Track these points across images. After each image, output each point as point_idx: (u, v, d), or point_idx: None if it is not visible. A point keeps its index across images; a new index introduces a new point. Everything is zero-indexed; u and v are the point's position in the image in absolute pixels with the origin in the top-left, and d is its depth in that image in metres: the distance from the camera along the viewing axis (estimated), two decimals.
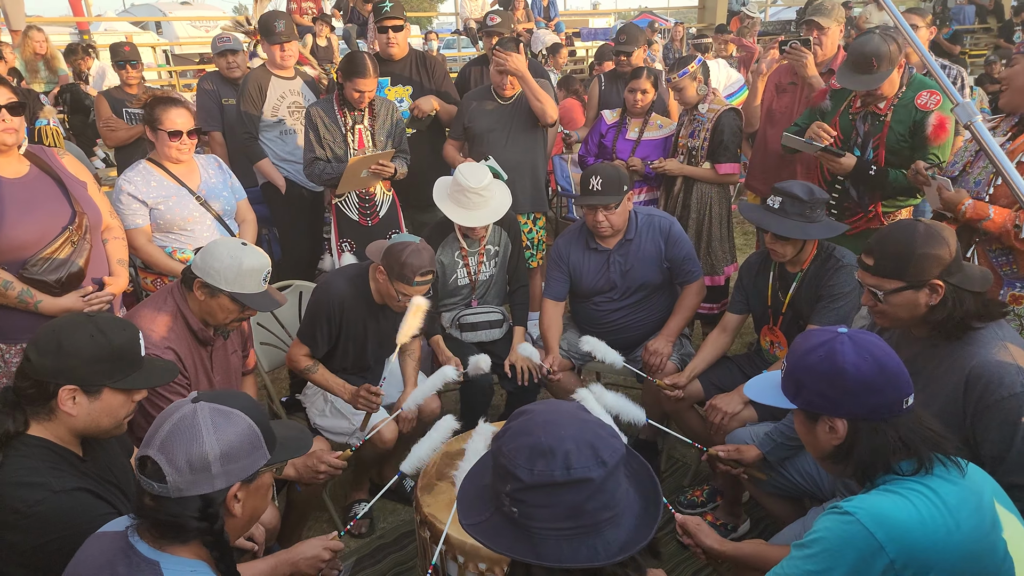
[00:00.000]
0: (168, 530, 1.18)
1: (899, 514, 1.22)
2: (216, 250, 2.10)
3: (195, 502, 1.18)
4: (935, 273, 1.64)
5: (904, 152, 2.79)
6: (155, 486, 1.17)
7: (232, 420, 1.23)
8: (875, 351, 1.32)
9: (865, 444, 1.31)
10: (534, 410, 1.06)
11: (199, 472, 1.17)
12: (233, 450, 1.21)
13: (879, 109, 2.84)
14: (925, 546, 1.20)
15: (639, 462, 1.13)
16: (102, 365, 1.53)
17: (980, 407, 1.59)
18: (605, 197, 2.72)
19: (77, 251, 2.29)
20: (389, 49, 3.76)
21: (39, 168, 2.33)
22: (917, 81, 2.83)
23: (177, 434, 1.19)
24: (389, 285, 2.46)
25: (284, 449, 1.34)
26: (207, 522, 1.18)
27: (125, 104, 4.33)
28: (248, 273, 2.09)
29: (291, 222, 4.04)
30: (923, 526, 1.21)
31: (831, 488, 2.01)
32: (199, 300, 2.12)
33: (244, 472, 1.23)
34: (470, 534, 1.05)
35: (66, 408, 1.51)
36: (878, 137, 2.84)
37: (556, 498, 0.96)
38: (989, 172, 2.35)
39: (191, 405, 1.23)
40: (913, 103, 2.76)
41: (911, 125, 2.77)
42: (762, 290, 2.59)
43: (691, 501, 2.83)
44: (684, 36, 10.67)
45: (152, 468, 1.18)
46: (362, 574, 2.56)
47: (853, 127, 2.91)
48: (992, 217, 2.26)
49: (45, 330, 1.55)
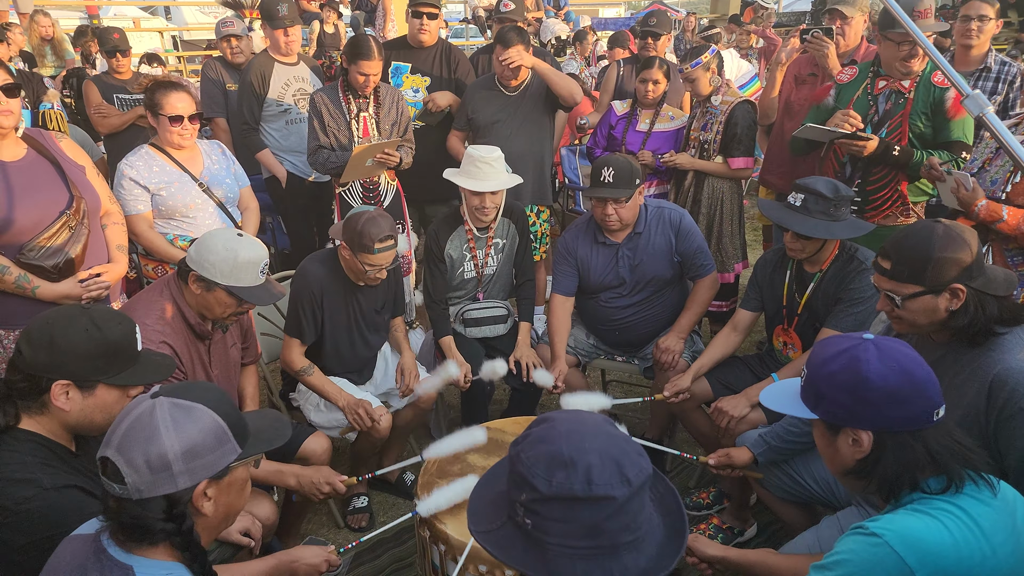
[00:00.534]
0: (134, 532, 1.13)
1: (931, 537, 1.15)
2: (211, 242, 2.04)
3: (159, 503, 1.12)
4: (955, 276, 1.56)
5: (926, 134, 2.73)
6: (116, 488, 1.12)
7: (193, 415, 1.16)
8: (902, 359, 1.24)
9: (891, 458, 1.23)
10: (557, 418, 1.00)
11: (159, 472, 1.11)
12: (196, 447, 1.14)
13: (903, 88, 2.76)
14: (959, 572, 1.13)
15: (666, 487, 1.07)
16: (97, 361, 1.48)
17: (1004, 415, 1.52)
18: (616, 190, 2.64)
19: (75, 236, 2.25)
20: (420, 35, 3.66)
21: (37, 151, 2.29)
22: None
23: (134, 432, 1.13)
24: (354, 259, 2.43)
25: (258, 441, 1.28)
26: (173, 523, 1.13)
27: (116, 90, 4.26)
28: (244, 265, 2.03)
29: (297, 212, 3.98)
30: (957, 551, 1.14)
31: (847, 496, 1.95)
32: (195, 294, 2.07)
33: (211, 469, 1.17)
34: (479, 542, 1.00)
35: (59, 403, 1.47)
36: (899, 116, 2.76)
37: (573, 513, 0.91)
38: (1006, 171, 2.30)
39: (149, 401, 1.17)
40: (930, 80, 2.71)
41: (931, 104, 2.72)
42: (777, 289, 2.52)
43: (697, 503, 2.77)
44: (696, 27, 10.54)
45: (111, 469, 1.12)
46: (361, 569, 2.53)
47: (872, 106, 2.83)
48: (1006, 219, 2.22)
49: (38, 323, 1.50)
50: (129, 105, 4.25)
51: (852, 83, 2.94)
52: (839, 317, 2.29)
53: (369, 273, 2.44)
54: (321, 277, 2.53)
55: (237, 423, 1.23)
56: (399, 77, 3.73)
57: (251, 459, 1.27)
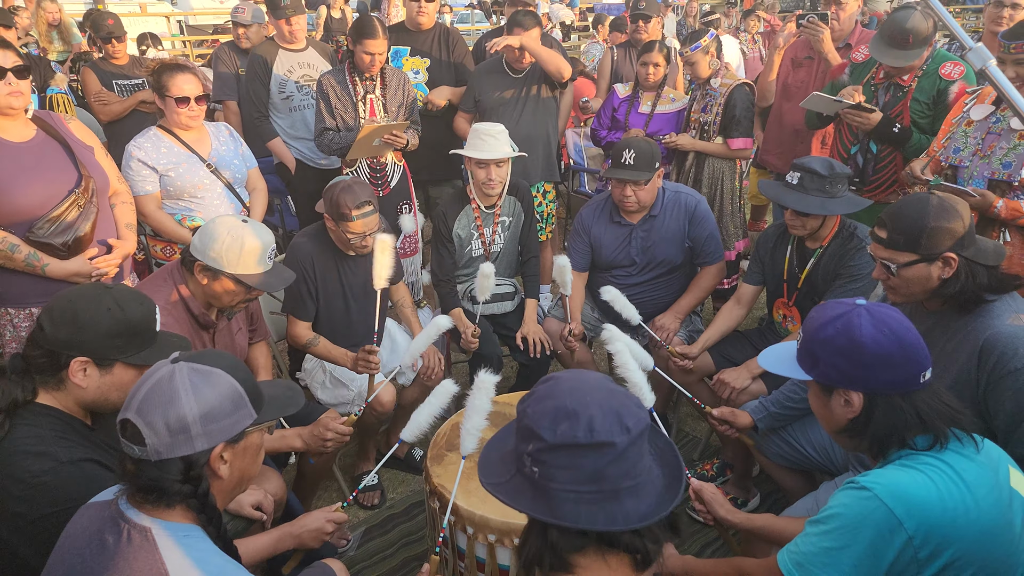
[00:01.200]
0: (151, 494, 1.15)
1: (918, 490, 1.19)
2: (215, 230, 1.99)
3: (176, 464, 1.14)
4: (948, 246, 1.62)
5: (924, 123, 2.78)
6: (135, 449, 1.14)
7: (212, 380, 1.19)
8: (893, 324, 1.29)
9: (881, 418, 1.28)
10: (561, 376, 1.06)
11: (178, 434, 1.14)
12: (214, 410, 1.17)
13: (903, 81, 2.82)
14: (944, 523, 1.17)
15: (665, 441, 1.11)
16: (116, 339, 1.50)
17: (994, 377, 1.58)
18: (637, 172, 2.68)
19: (84, 215, 2.28)
20: (418, 18, 3.69)
21: (46, 132, 2.32)
22: (941, 55, 2.83)
23: (154, 396, 1.15)
24: (338, 229, 2.47)
25: (273, 407, 1.30)
26: (190, 484, 1.15)
27: (115, 76, 4.23)
28: (251, 252, 2.00)
29: (307, 198, 4.02)
30: (942, 503, 1.18)
31: (843, 462, 1.99)
32: (201, 284, 2.05)
33: (228, 432, 1.19)
34: (490, 492, 1.04)
35: (76, 380, 1.49)
36: (900, 106, 2.81)
37: (577, 460, 0.96)
38: (1021, 154, 2.27)
39: (169, 366, 1.19)
40: (937, 73, 2.75)
41: (934, 95, 2.76)
42: (779, 264, 2.55)
43: (701, 475, 2.82)
44: (698, 12, 10.51)
45: (131, 431, 1.15)
46: (371, 544, 2.57)
47: (875, 96, 2.89)
48: None
49: (61, 300, 1.52)
50: (129, 91, 4.24)
51: (866, 63, 2.99)
52: (837, 292, 2.32)
53: (353, 241, 2.47)
54: (311, 251, 2.56)
55: (253, 389, 1.26)
56: (399, 60, 3.74)
57: (265, 425, 1.29)
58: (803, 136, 3.51)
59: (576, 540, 0.97)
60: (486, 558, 1.88)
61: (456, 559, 1.94)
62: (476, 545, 1.89)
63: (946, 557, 1.18)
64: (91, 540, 1.15)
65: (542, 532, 0.99)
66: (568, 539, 0.97)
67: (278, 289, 2.19)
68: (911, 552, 1.18)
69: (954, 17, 2.67)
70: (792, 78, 3.63)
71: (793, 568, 1.26)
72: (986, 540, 1.20)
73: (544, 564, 0.99)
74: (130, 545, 1.12)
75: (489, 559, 1.88)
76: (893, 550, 1.18)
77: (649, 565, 1.00)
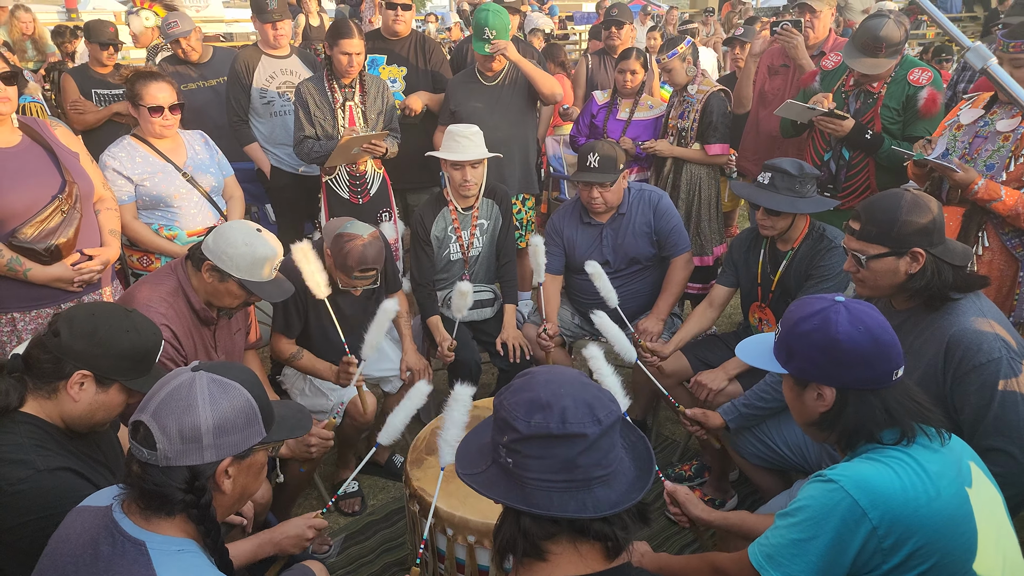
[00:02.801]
0: (153, 500, 1.15)
1: (883, 482, 1.23)
2: (231, 235, 2.06)
3: (182, 473, 1.14)
4: (917, 241, 1.66)
5: (895, 129, 2.85)
6: (144, 452, 1.14)
7: (229, 393, 1.19)
8: (870, 322, 1.31)
9: (851, 413, 1.31)
10: (537, 371, 1.09)
11: (190, 442, 1.14)
12: (227, 423, 1.17)
13: (872, 88, 2.88)
14: (906, 513, 1.21)
15: (637, 435, 1.14)
16: (124, 361, 1.53)
17: (959, 373, 1.62)
18: (601, 175, 2.73)
19: (67, 221, 2.28)
20: (394, 26, 3.71)
21: (31, 139, 2.31)
22: (908, 60, 2.89)
23: (172, 401, 1.16)
24: (334, 269, 2.48)
25: (282, 428, 1.31)
26: (193, 495, 1.15)
27: (95, 84, 4.19)
28: (261, 262, 2.07)
29: (284, 204, 4.01)
30: (904, 493, 1.22)
31: (817, 461, 2.03)
32: (206, 282, 2.09)
33: (237, 447, 1.19)
34: (465, 482, 1.07)
35: (72, 392, 1.49)
36: (870, 113, 2.87)
37: (550, 450, 0.98)
38: (1003, 156, 2.33)
39: (190, 374, 1.20)
40: (906, 79, 2.81)
41: (903, 100, 2.82)
42: (752, 267, 2.60)
43: (679, 475, 2.86)
44: (677, 21, 10.65)
45: (144, 434, 1.15)
46: (351, 550, 2.57)
47: (845, 104, 2.95)
48: (1003, 199, 2.26)
49: (83, 311, 1.54)
50: (107, 100, 4.21)
51: (836, 70, 3.05)
52: (809, 293, 2.37)
53: (343, 288, 2.49)
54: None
55: (266, 407, 1.26)
56: (375, 68, 3.76)
57: (271, 445, 1.29)
58: (779, 143, 3.57)
59: (548, 527, 1.00)
60: (466, 559, 1.89)
61: (436, 561, 1.95)
62: (456, 547, 1.90)
63: (909, 547, 1.21)
64: (85, 548, 1.14)
65: (515, 520, 1.02)
66: (540, 526, 1.00)
67: (278, 300, 2.23)
68: (875, 542, 1.21)
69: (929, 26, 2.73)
70: (768, 85, 3.69)
71: (763, 560, 1.28)
72: (947, 529, 1.23)
73: (517, 551, 1.02)
74: (124, 558, 1.11)
75: (469, 560, 1.89)
76: (858, 540, 1.21)
77: (620, 553, 1.02)
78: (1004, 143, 2.35)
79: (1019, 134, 2.31)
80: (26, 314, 2.33)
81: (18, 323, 2.32)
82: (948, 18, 10.41)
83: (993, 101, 2.45)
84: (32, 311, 2.33)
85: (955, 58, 6.47)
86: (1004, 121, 2.36)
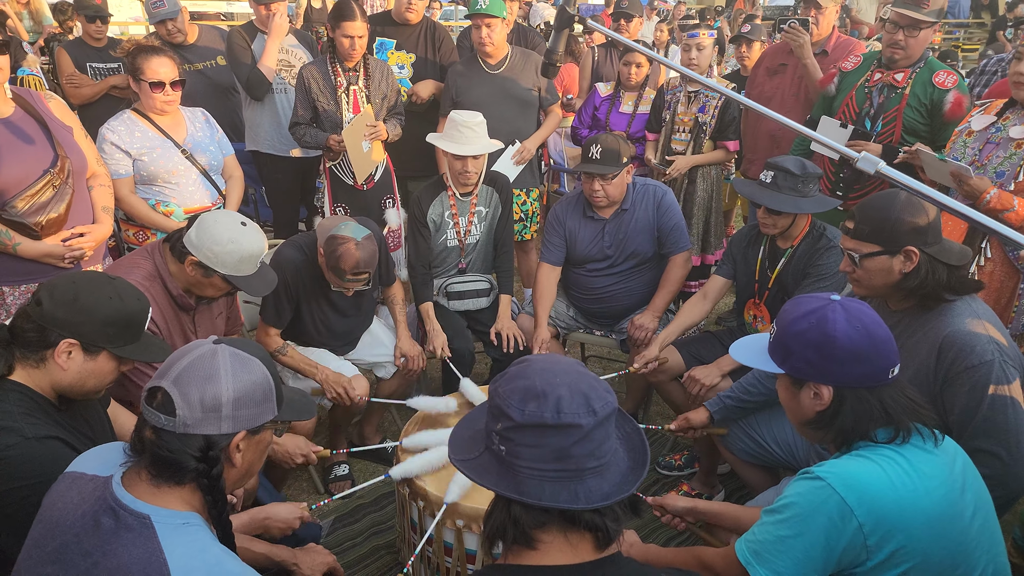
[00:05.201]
0: (165, 467, 1.15)
1: (869, 479, 1.23)
2: (216, 231, 2.02)
3: (198, 441, 1.14)
4: (910, 240, 1.66)
5: (921, 131, 2.83)
6: (161, 418, 1.14)
7: (249, 367, 1.20)
8: (866, 320, 1.31)
9: (849, 412, 1.31)
10: (533, 359, 1.08)
11: (209, 411, 1.15)
12: (246, 396, 1.18)
13: (896, 81, 2.85)
14: (892, 511, 1.21)
15: (632, 426, 1.13)
16: (110, 328, 1.51)
17: (951, 374, 1.63)
18: (603, 166, 2.72)
19: (59, 195, 2.26)
20: (406, 13, 3.66)
21: (24, 110, 2.28)
22: (933, 63, 2.88)
23: (194, 370, 1.16)
24: (326, 269, 2.46)
25: (290, 409, 1.32)
26: (206, 464, 1.15)
27: (90, 58, 4.14)
28: (248, 259, 2.05)
29: (275, 187, 3.98)
30: (892, 492, 1.22)
31: (806, 457, 2.04)
32: (189, 274, 2.07)
33: (252, 421, 1.20)
34: (458, 468, 1.06)
35: (60, 361, 1.48)
36: (894, 110, 2.85)
37: (544, 440, 0.98)
38: (1016, 164, 2.31)
39: (211, 346, 1.20)
40: (931, 81, 2.80)
41: (929, 104, 2.80)
42: (751, 263, 2.60)
43: (669, 463, 2.88)
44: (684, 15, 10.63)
45: (162, 400, 1.15)
46: (340, 533, 2.57)
47: (868, 99, 2.93)
48: (1016, 209, 2.24)
49: (64, 280, 1.53)
50: (103, 74, 4.16)
51: (855, 71, 3.03)
52: (806, 292, 2.37)
53: (335, 288, 2.46)
54: (297, 263, 2.53)
55: (278, 386, 1.28)
56: (384, 53, 3.72)
57: (278, 424, 1.30)
58: (779, 141, 3.57)
59: (539, 516, 0.99)
60: (454, 543, 1.90)
61: (424, 545, 1.96)
62: (444, 530, 1.90)
63: (892, 545, 1.21)
64: (85, 518, 1.13)
65: (506, 507, 1.01)
66: (531, 515, 0.99)
67: (263, 294, 2.23)
68: (861, 539, 1.21)
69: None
70: (768, 85, 3.69)
71: (750, 556, 1.29)
72: (933, 532, 1.23)
73: (507, 538, 1.02)
74: (129, 531, 1.10)
75: (457, 544, 1.90)
76: (845, 537, 1.21)
77: (610, 544, 1.02)
78: (1017, 150, 2.32)
79: None
80: (15, 288, 2.31)
81: (7, 297, 2.31)
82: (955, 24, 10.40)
83: (1007, 107, 2.43)
84: (22, 286, 2.31)
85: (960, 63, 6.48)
86: (1018, 127, 2.33)
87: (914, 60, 2.84)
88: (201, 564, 1.09)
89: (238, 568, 1.13)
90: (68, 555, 1.11)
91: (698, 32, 3.47)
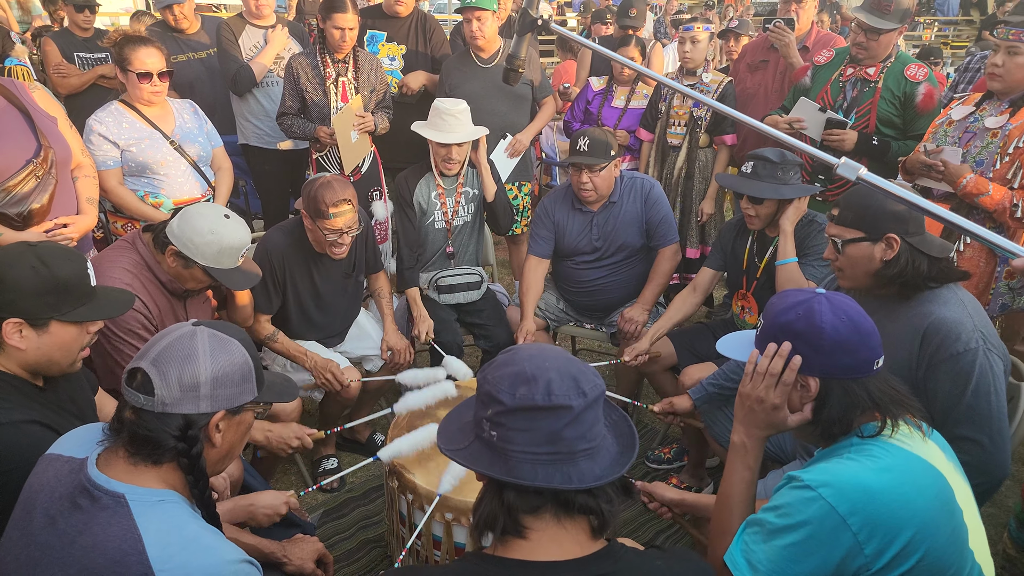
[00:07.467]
0: (143, 446, 1.16)
1: (860, 483, 1.20)
2: (197, 223, 2.01)
3: (176, 420, 1.16)
4: (891, 227, 1.68)
5: (895, 123, 2.89)
6: (140, 398, 1.15)
7: (228, 348, 1.22)
8: (851, 312, 1.32)
9: (836, 403, 1.30)
10: (520, 347, 1.09)
11: (188, 391, 1.16)
12: (224, 376, 1.20)
13: (869, 75, 2.91)
14: (886, 514, 1.18)
15: (619, 414, 1.13)
16: (47, 297, 1.47)
17: (935, 361, 1.64)
18: (591, 158, 2.72)
19: (41, 186, 2.22)
20: (396, 6, 3.65)
21: (7, 100, 2.25)
22: (904, 56, 2.95)
23: (173, 350, 1.17)
24: (315, 227, 2.43)
25: (271, 391, 1.33)
26: (185, 443, 1.16)
27: (77, 48, 4.11)
28: (228, 251, 2.05)
29: (263, 178, 3.96)
30: (885, 493, 1.19)
31: (792, 450, 2.04)
32: (171, 265, 2.07)
33: (231, 401, 1.21)
34: (448, 456, 1.06)
35: (13, 342, 1.46)
36: (868, 103, 2.90)
37: (535, 423, 0.98)
38: (993, 152, 2.38)
39: (190, 327, 1.22)
40: (903, 74, 2.86)
41: (902, 97, 2.87)
42: (739, 254, 2.60)
43: (658, 457, 2.89)
44: (676, 11, 10.62)
45: (141, 380, 1.16)
46: (329, 526, 2.57)
47: (842, 92, 2.97)
48: (991, 193, 2.31)
49: None
50: (90, 64, 4.12)
51: (828, 65, 3.08)
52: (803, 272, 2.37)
53: (329, 238, 2.43)
54: (283, 247, 2.53)
55: (258, 368, 1.29)
56: (375, 45, 3.71)
57: (259, 405, 1.31)
58: (762, 137, 3.58)
59: (532, 500, 0.99)
60: (443, 536, 1.90)
61: (419, 539, 1.96)
62: (433, 523, 1.90)
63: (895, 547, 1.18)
64: (61, 500, 1.14)
65: (498, 494, 1.01)
66: (524, 499, 0.99)
67: (244, 288, 2.23)
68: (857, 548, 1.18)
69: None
70: (749, 81, 3.74)
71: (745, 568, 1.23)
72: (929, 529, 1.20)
73: (497, 527, 1.01)
74: (105, 511, 1.11)
75: (446, 537, 1.89)
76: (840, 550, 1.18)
77: (606, 529, 1.02)
78: (992, 139, 2.40)
79: (1007, 131, 2.37)
80: None
81: None
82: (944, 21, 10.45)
83: (984, 99, 2.50)
84: None
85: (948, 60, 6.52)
86: (993, 118, 2.41)
87: (880, 59, 2.91)
88: (178, 539, 1.10)
89: (216, 542, 1.13)
90: (46, 537, 1.12)
91: (693, 26, 3.47)
